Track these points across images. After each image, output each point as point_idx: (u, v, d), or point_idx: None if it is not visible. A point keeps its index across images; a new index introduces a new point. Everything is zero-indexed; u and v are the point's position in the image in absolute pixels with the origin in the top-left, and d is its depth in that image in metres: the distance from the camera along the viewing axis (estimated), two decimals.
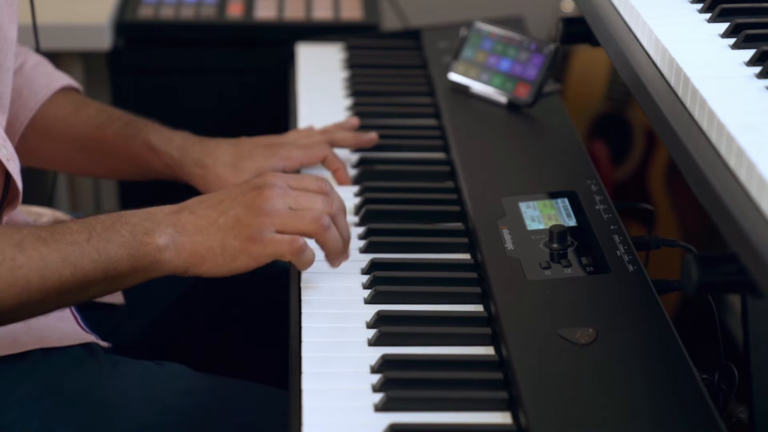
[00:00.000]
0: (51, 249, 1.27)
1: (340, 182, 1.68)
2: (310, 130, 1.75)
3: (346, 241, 1.40)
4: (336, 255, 1.38)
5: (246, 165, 1.66)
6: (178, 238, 1.31)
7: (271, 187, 1.34)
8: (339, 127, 1.75)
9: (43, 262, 1.26)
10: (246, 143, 1.70)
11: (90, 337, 1.49)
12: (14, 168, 1.44)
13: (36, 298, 1.27)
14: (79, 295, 1.30)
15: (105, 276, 1.29)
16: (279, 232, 1.33)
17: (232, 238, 1.32)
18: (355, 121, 1.78)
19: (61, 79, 1.74)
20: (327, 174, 1.70)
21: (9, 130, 1.68)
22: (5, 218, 1.48)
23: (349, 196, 1.65)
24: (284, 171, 1.67)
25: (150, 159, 1.70)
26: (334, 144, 1.71)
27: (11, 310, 1.27)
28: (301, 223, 1.34)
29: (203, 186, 1.68)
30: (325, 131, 1.74)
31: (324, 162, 1.69)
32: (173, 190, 1.76)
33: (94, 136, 1.72)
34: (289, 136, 1.72)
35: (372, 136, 1.74)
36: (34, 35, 1.76)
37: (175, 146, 1.69)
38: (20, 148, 1.67)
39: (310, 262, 1.35)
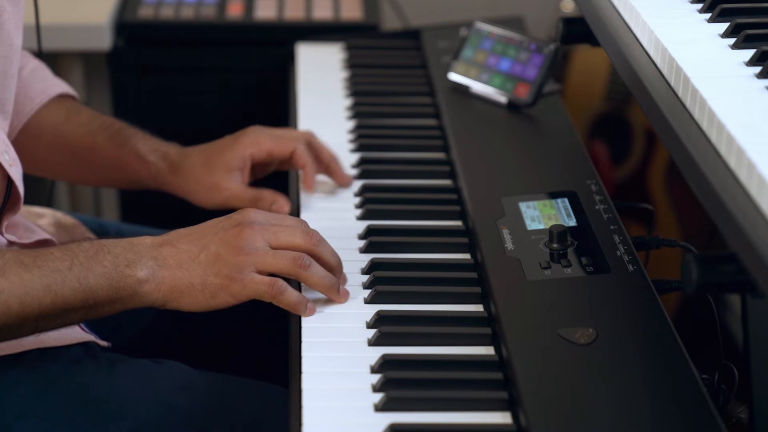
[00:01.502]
0: (33, 275, 1.27)
1: (307, 184, 1.64)
2: (293, 129, 1.74)
3: (336, 266, 1.40)
4: (327, 290, 1.38)
5: (217, 160, 1.65)
6: (158, 272, 1.32)
7: (251, 225, 1.35)
8: (323, 145, 1.70)
9: (24, 289, 1.27)
10: (219, 141, 1.68)
11: (89, 337, 1.49)
12: (16, 173, 1.44)
13: (13, 323, 1.28)
14: (56, 321, 1.31)
15: (84, 304, 1.30)
16: (258, 271, 1.33)
17: (212, 276, 1.33)
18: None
19: (58, 86, 1.74)
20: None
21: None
22: (5, 222, 1.48)
23: (349, 195, 1.65)
24: (252, 158, 1.65)
25: (138, 168, 1.70)
26: (309, 146, 1.67)
27: None
28: (279, 262, 1.34)
29: (187, 193, 1.68)
30: (307, 132, 1.71)
31: (292, 156, 1.65)
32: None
33: (84, 144, 1.72)
34: (262, 129, 1.69)
35: (348, 178, 1.67)
36: (36, 36, 1.76)
37: (160, 156, 1.69)
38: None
39: (292, 303, 1.35)
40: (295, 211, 1.63)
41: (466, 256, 1.49)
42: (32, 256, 1.29)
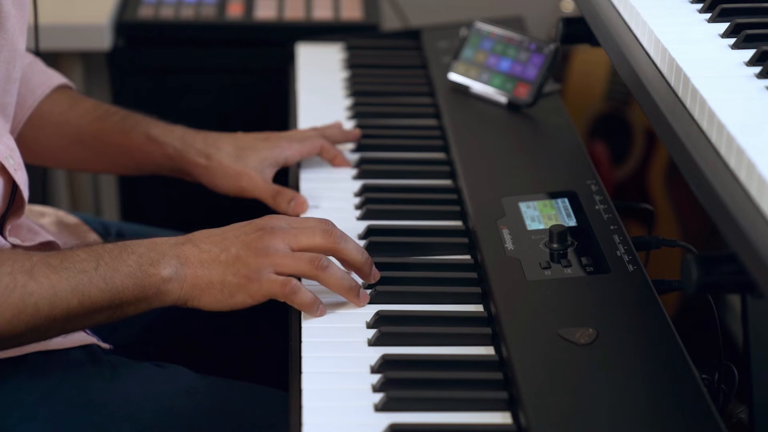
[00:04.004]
0: (61, 277, 1.29)
1: (340, 165, 1.73)
2: (301, 130, 1.79)
3: (362, 264, 1.40)
4: (346, 292, 1.38)
5: (249, 155, 1.69)
6: (181, 271, 1.34)
7: (273, 230, 1.37)
8: (327, 126, 1.78)
9: (53, 290, 1.28)
10: (245, 136, 1.72)
11: (92, 340, 1.49)
12: (21, 177, 1.44)
13: (42, 324, 1.29)
14: (83, 322, 1.32)
15: (110, 304, 1.32)
16: (277, 272, 1.35)
17: (231, 275, 1.34)
18: (341, 123, 1.81)
19: (56, 78, 1.76)
20: (327, 169, 1.72)
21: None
22: (9, 226, 1.48)
23: (349, 195, 1.65)
24: (286, 162, 1.70)
25: (151, 151, 1.71)
26: (324, 137, 1.75)
27: (19, 336, 1.29)
28: (297, 264, 1.35)
29: (206, 177, 1.70)
30: (315, 129, 1.77)
31: (321, 153, 1.72)
32: (172, 190, 1.76)
33: (92, 130, 1.73)
34: (284, 132, 1.75)
35: (356, 131, 1.79)
36: (35, 37, 1.77)
37: (177, 137, 1.71)
38: (17, 145, 1.68)
39: (306, 303, 1.35)
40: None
41: (466, 256, 1.49)
42: (59, 257, 1.31)
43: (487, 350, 1.32)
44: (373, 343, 1.32)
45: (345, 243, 1.39)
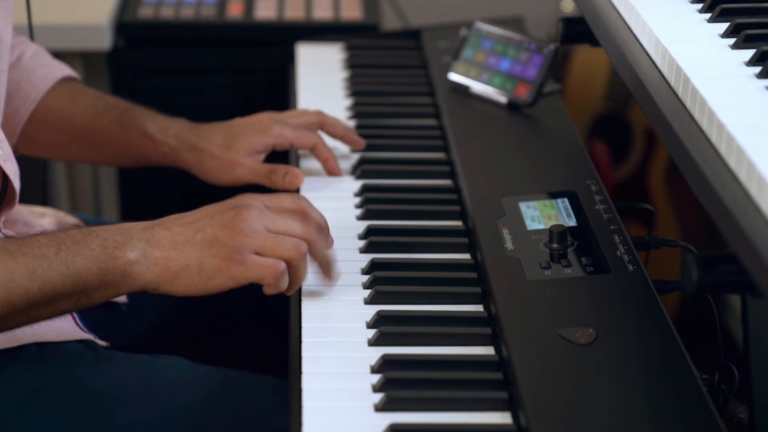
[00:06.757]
0: (17, 262, 1.24)
1: (331, 173, 1.70)
2: (303, 110, 1.78)
3: (329, 262, 1.39)
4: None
5: (239, 143, 1.68)
6: (150, 253, 1.28)
7: (249, 208, 1.32)
8: (332, 118, 1.77)
9: (9, 275, 1.23)
10: (238, 122, 1.72)
11: (87, 336, 1.49)
12: (11, 169, 1.44)
13: (1, 312, 1.24)
14: (47, 310, 1.27)
15: (74, 290, 1.26)
16: (257, 254, 1.31)
17: (210, 257, 1.29)
18: (349, 124, 1.80)
19: (60, 69, 1.76)
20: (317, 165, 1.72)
21: (10, 124, 1.69)
22: (3, 218, 1.48)
23: (349, 195, 1.65)
24: (275, 148, 1.69)
25: (147, 148, 1.72)
26: (324, 128, 1.74)
27: None
28: (281, 248, 1.31)
29: (201, 172, 1.70)
30: (318, 113, 1.75)
31: (313, 150, 1.70)
32: (172, 189, 1.76)
33: (91, 126, 1.74)
34: (281, 114, 1.74)
35: (360, 141, 1.75)
36: (29, 35, 1.77)
37: (171, 135, 1.71)
38: (19, 138, 1.68)
39: (284, 288, 1.34)
40: None
41: (466, 256, 1.49)
42: (18, 243, 1.26)
43: (487, 350, 1.32)
44: (373, 343, 1.32)
45: (319, 236, 1.36)
